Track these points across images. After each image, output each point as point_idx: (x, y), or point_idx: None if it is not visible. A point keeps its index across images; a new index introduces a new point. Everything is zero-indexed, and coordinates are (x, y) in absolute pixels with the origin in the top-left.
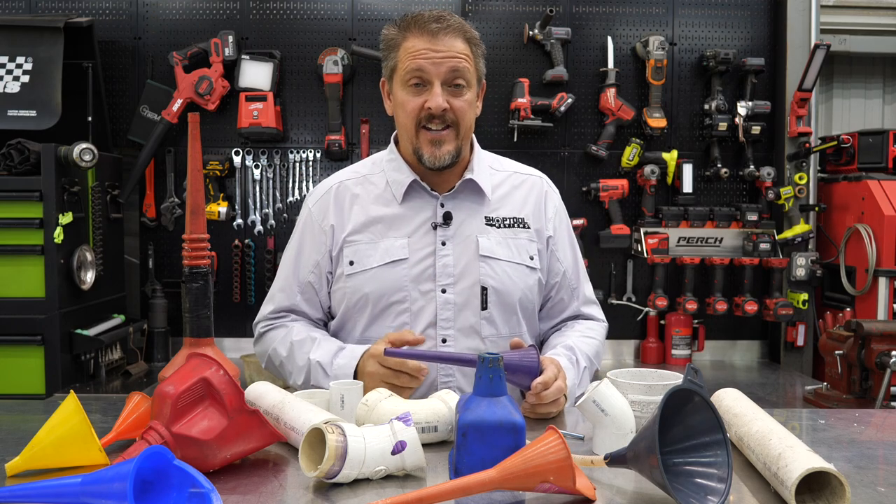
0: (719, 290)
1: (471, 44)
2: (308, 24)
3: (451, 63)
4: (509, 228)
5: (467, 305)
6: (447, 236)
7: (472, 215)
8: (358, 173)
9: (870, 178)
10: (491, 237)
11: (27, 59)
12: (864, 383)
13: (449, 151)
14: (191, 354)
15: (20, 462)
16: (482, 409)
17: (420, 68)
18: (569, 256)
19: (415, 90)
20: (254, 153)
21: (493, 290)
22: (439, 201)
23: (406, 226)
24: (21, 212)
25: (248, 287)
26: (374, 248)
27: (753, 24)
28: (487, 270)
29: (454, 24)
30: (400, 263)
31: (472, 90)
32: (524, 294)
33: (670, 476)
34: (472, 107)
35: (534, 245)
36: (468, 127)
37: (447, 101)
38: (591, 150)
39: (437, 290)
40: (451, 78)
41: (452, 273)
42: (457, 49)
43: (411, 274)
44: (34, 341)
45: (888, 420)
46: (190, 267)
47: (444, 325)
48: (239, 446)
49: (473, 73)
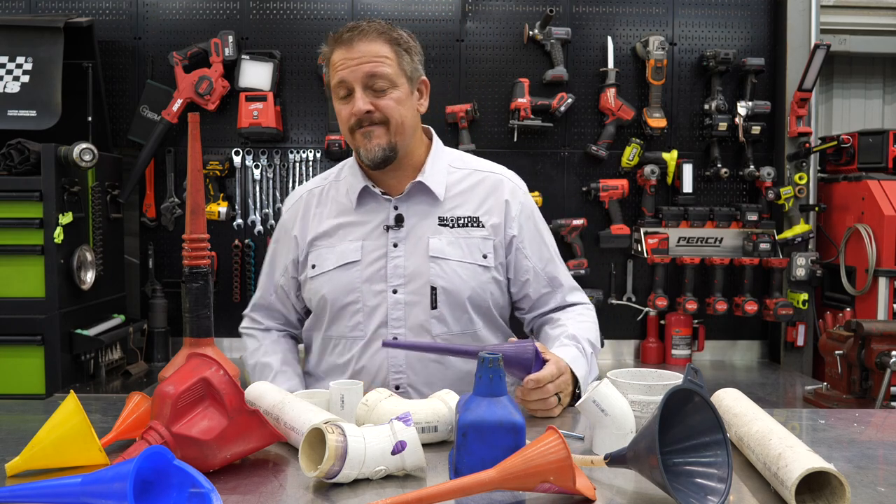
0: (719, 290)
1: (392, 43)
2: (308, 24)
3: (366, 67)
4: (462, 228)
5: (417, 305)
6: (399, 238)
7: (425, 217)
8: (326, 179)
9: (870, 178)
10: (443, 237)
11: (27, 59)
12: (864, 383)
13: (380, 144)
14: (191, 354)
15: (20, 462)
16: (482, 409)
17: (342, 79)
18: (538, 251)
19: (344, 101)
20: (254, 153)
21: (441, 289)
22: (392, 204)
23: (361, 229)
24: (21, 212)
25: (248, 287)
26: (332, 251)
27: (753, 24)
28: (437, 270)
29: (370, 29)
30: (353, 265)
31: (400, 88)
32: (475, 292)
33: (670, 476)
34: (401, 104)
35: (488, 243)
36: (399, 123)
37: (371, 103)
38: (591, 150)
39: (389, 291)
40: (370, 81)
41: (403, 274)
42: (373, 51)
43: (363, 275)
44: (34, 341)
45: (888, 420)
46: (190, 267)
47: (394, 325)
48: (239, 446)
49: (398, 73)
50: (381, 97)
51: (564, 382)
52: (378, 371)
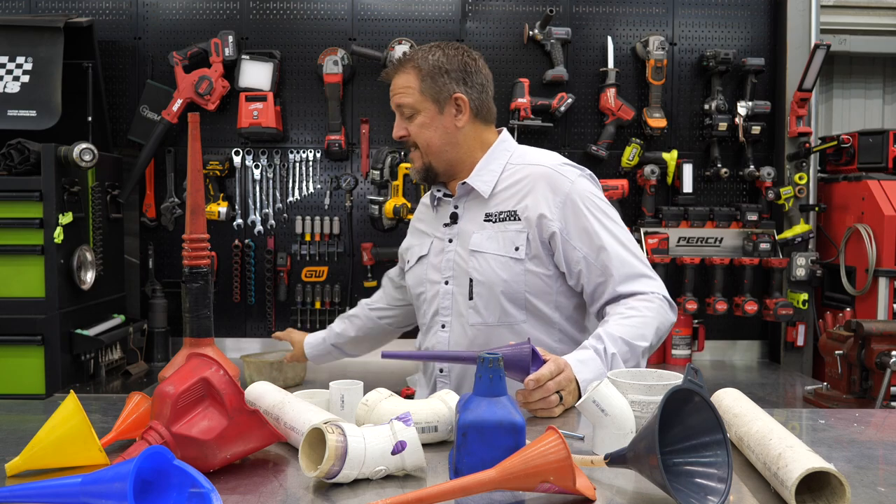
0: (719, 290)
1: (415, 71)
2: (308, 24)
3: (396, 99)
4: (502, 222)
5: (461, 295)
6: (453, 234)
7: (475, 214)
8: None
9: (870, 178)
10: (484, 233)
11: (27, 59)
12: (864, 383)
13: (416, 168)
14: (191, 354)
15: (20, 462)
16: (482, 409)
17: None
18: (588, 240)
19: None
20: (254, 153)
21: (477, 281)
22: (452, 204)
23: (434, 228)
24: (21, 212)
25: (248, 287)
26: (417, 248)
27: (753, 24)
28: (474, 264)
29: (403, 61)
30: (424, 260)
31: (424, 113)
32: (508, 284)
33: (670, 476)
34: (426, 127)
35: (522, 236)
36: (426, 145)
37: (405, 129)
38: (591, 150)
39: (442, 282)
40: (400, 110)
41: (453, 267)
42: (399, 84)
43: (428, 268)
44: (34, 341)
45: (888, 420)
46: (190, 267)
47: (443, 313)
48: (239, 446)
49: (420, 99)
50: (409, 123)
51: (565, 380)
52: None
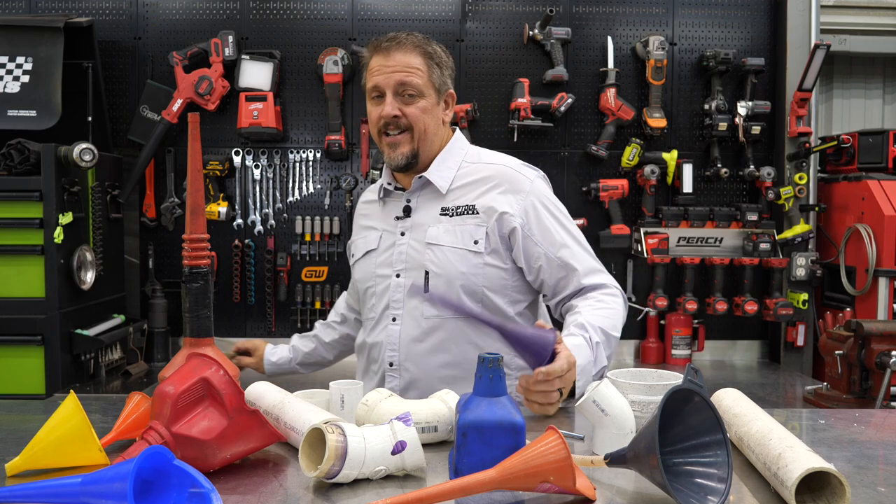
0: (719, 290)
1: (425, 56)
2: (308, 24)
3: (400, 76)
4: (460, 216)
5: (414, 288)
6: (406, 227)
7: (430, 208)
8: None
9: (870, 178)
10: (440, 226)
11: (27, 59)
12: (864, 383)
13: (403, 153)
14: (191, 354)
15: (20, 462)
16: (482, 409)
17: (376, 84)
18: (549, 236)
19: (375, 102)
20: (254, 153)
21: (434, 274)
22: (405, 197)
23: (383, 222)
24: (21, 212)
25: (248, 287)
26: (363, 241)
27: (753, 24)
28: (431, 256)
29: (407, 41)
30: (371, 254)
31: (428, 98)
32: (465, 276)
33: (670, 476)
34: (426, 113)
35: (481, 230)
36: (422, 131)
37: (399, 109)
38: (591, 150)
39: (393, 275)
40: (401, 89)
41: (405, 260)
42: (406, 62)
43: (377, 262)
44: (34, 341)
45: (888, 420)
46: (190, 267)
47: (394, 306)
48: (239, 446)
49: (427, 84)
50: (408, 104)
51: (570, 378)
52: (382, 348)
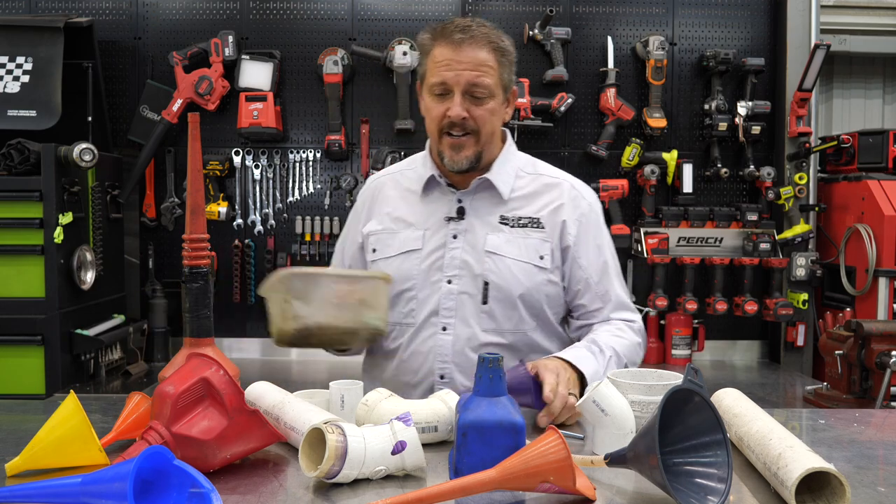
0: (719, 290)
1: (497, 53)
2: (308, 24)
3: (471, 75)
4: (522, 228)
5: (470, 298)
6: (459, 230)
7: (487, 213)
8: (397, 168)
9: (870, 178)
10: (501, 235)
11: (27, 59)
12: (864, 383)
13: (467, 156)
14: (191, 354)
15: (20, 462)
16: (482, 409)
17: (443, 80)
18: (594, 263)
19: (438, 98)
20: (254, 153)
21: (494, 285)
22: (456, 196)
23: (425, 219)
24: (21, 212)
25: (248, 287)
26: (394, 238)
27: (753, 24)
28: (491, 266)
29: (479, 34)
30: (413, 254)
31: (496, 98)
32: (528, 291)
33: (670, 476)
34: (493, 115)
35: (546, 245)
36: (489, 133)
37: (467, 110)
38: (591, 150)
39: (443, 281)
40: (470, 89)
41: (459, 266)
42: (479, 59)
43: (423, 264)
44: (34, 341)
45: (888, 420)
46: (190, 267)
47: (445, 315)
48: (239, 446)
49: (497, 83)
50: (477, 105)
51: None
52: (426, 359)
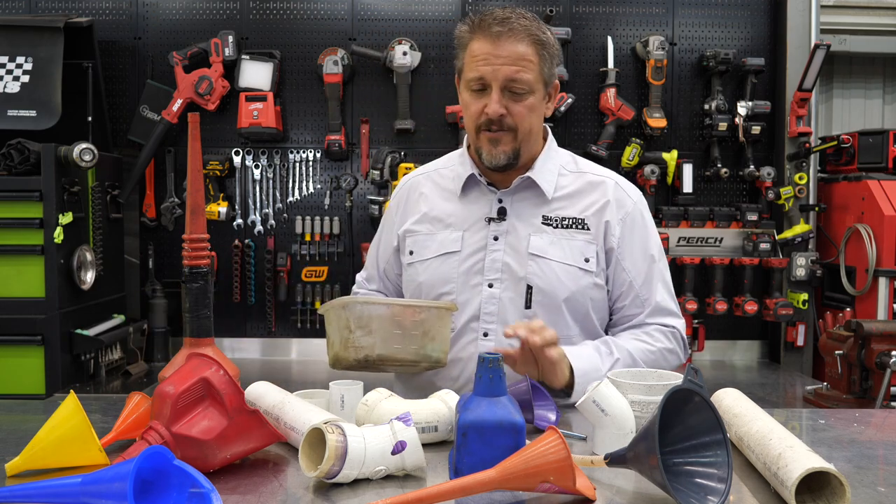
0: (719, 290)
1: (538, 45)
2: (308, 24)
3: (509, 70)
4: (566, 229)
5: (512, 302)
6: (500, 232)
7: (529, 213)
8: (433, 167)
9: (870, 178)
10: (545, 236)
11: (27, 59)
12: (864, 383)
13: (505, 151)
14: (191, 354)
15: (20, 462)
16: (482, 409)
17: (481, 75)
18: (639, 266)
19: (476, 94)
20: (254, 153)
21: (538, 289)
22: (497, 196)
23: (464, 220)
24: (21, 212)
25: (248, 287)
26: (432, 239)
27: (753, 24)
28: (535, 269)
29: (519, 26)
30: (452, 256)
31: (536, 94)
32: (573, 295)
33: (670, 476)
34: (533, 111)
35: (591, 247)
36: (527, 131)
37: (506, 107)
38: (591, 150)
39: (484, 284)
40: (509, 84)
41: (500, 269)
42: (518, 54)
43: (462, 267)
44: (34, 341)
45: (888, 420)
46: (190, 267)
47: (487, 319)
48: (239, 446)
49: (537, 78)
50: (516, 102)
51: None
52: (466, 365)
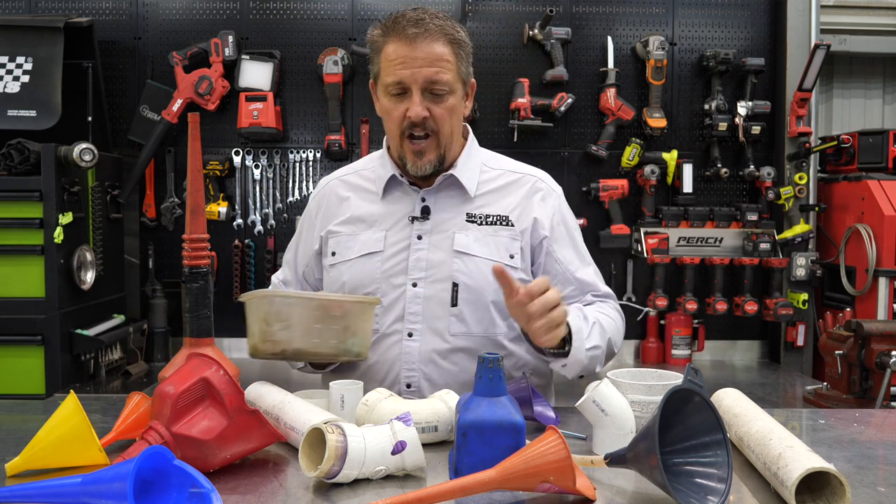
0: (719, 290)
1: (453, 45)
2: (308, 24)
3: (429, 72)
4: (491, 226)
5: (437, 301)
6: (424, 231)
7: (453, 211)
8: (352, 169)
9: (870, 178)
10: (469, 234)
11: (27, 59)
12: (864, 383)
13: (430, 161)
14: (191, 354)
15: (20, 462)
16: (482, 409)
17: (399, 80)
18: (568, 255)
19: (396, 98)
20: (254, 153)
21: (464, 286)
22: (419, 195)
23: (386, 220)
24: (21, 212)
25: (249, 287)
26: (354, 240)
27: (753, 24)
28: (461, 266)
29: (434, 27)
30: (374, 256)
31: (455, 94)
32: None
33: (670, 476)
34: (453, 112)
35: (516, 244)
36: (449, 133)
37: (427, 109)
38: (591, 150)
39: (408, 284)
40: (429, 86)
41: (425, 267)
42: (436, 55)
43: (384, 266)
44: (34, 341)
45: (888, 420)
46: (190, 267)
47: (411, 319)
48: (239, 446)
49: (455, 78)
50: (437, 104)
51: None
52: (391, 367)
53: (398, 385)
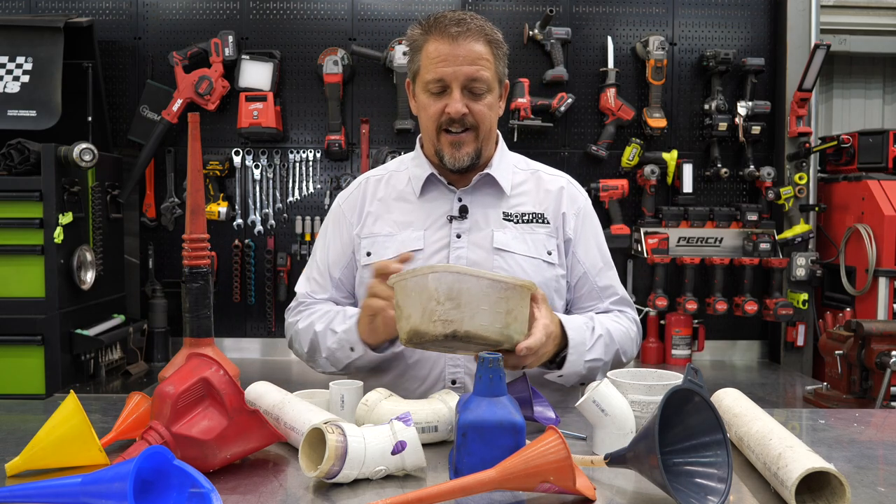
0: (719, 290)
1: (492, 46)
2: (308, 24)
3: (469, 70)
4: (527, 224)
5: None
6: (462, 229)
7: (490, 210)
8: (385, 170)
9: (870, 178)
10: (507, 231)
11: (27, 59)
12: (864, 383)
13: (468, 153)
14: (191, 354)
15: (20, 462)
16: (482, 409)
17: (440, 77)
18: (592, 257)
19: (435, 96)
20: (254, 153)
21: None
22: (457, 195)
23: (424, 219)
24: (21, 212)
25: (248, 287)
26: (392, 240)
27: (753, 24)
28: (501, 264)
29: (474, 27)
30: (415, 255)
31: (493, 93)
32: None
33: (670, 476)
34: (491, 109)
35: (553, 241)
36: (488, 129)
37: (466, 106)
38: (591, 150)
39: None
40: (469, 84)
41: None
42: (476, 53)
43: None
44: (34, 341)
45: (888, 420)
46: (190, 267)
47: None
48: (239, 446)
49: (493, 77)
50: (476, 101)
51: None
52: (435, 364)
53: (442, 382)
